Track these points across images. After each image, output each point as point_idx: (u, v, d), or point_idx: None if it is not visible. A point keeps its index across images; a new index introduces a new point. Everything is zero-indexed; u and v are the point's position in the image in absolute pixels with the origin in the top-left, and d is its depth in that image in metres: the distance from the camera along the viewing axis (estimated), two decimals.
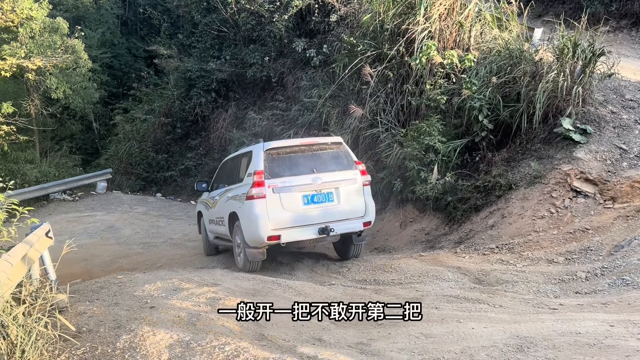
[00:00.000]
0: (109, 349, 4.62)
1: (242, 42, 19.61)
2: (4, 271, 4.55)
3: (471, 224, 9.08)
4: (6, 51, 18.81)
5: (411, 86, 11.25)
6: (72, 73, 21.01)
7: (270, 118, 16.68)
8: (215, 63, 19.71)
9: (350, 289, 6.98)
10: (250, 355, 4.24)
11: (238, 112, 19.49)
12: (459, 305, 5.66)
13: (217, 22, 20.24)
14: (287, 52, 17.63)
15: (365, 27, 12.76)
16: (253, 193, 7.13)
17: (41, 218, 10.35)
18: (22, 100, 21.41)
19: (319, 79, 15.48)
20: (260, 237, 7.20)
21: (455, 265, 7.37)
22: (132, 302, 6.16)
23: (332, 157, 7.75)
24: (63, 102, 21.76)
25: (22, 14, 19.05)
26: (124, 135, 22.27)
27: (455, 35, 11.27)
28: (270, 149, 7.40)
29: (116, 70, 27.66)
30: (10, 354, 3.71)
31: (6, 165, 18.86)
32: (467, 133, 10.02)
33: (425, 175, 9.82)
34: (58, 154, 22.64)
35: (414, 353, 4.33)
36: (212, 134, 20.29)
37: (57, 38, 20.02)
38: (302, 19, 17.46)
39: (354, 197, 7.67)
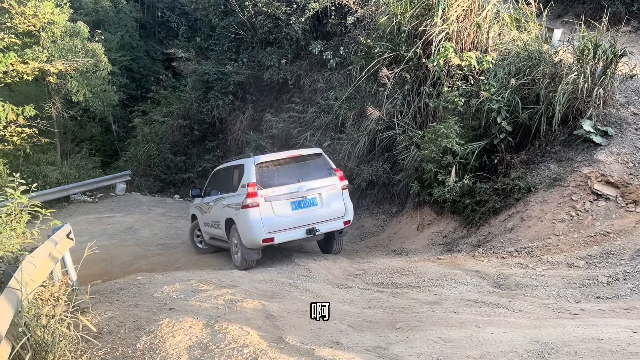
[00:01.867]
0: (129, 350, 4.68)
1: (259, 44, 19.71)
2: (27, 272, 4.64)
3: (489, 227, 9.00)
4: (28, 55, 19.14)
5: (428, 88, 11.20)
6: (92, 76, 21.29)
7: (287, 120, 16.73)
8: (233, 65, 19.84)
9: (368, 291, 6.97)
10: (269, 357, 4.26)
11: (255, 114, 19.59)
12: (478, 310, 5.61)
13: (234, 25, 20.37)
14: (304, 54, 17.68)
15: (382, 29, 12.74)
16: (248, 202, 8.14)
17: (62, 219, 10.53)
18: (43, 103, 21.75)
19: (335, 81, 15.49)
20: (257, 240, 8.19)
21: (474, 269, 7.31)
22: (151, 303, 6.23)
23: (314, 167, 8.78)
24: (83, 104, 22.04)
25: (44, 19, 19.36)
26: (143, 137, 22.48)
27: (473, 36, 11.20)
28: (261, 163, 8.39)
29: (135, 73, 27.94)
30: (34, 354, 3.78)
31: (28, 167, 19.17)
32: (485, 135, 9.94)
33: (442, 178, 9.76)
34: (78, 155, 22.93)
35: (433, 357, 4.31)
36: (229, 136, 20.42)
37: (77, 42, 20.32)
38: (318, 22, 17.50)
39: (334, 200, 8.69)
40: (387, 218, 11.85)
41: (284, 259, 8.94)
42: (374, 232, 11.73)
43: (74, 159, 22.26)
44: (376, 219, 12.10)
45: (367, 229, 11.95)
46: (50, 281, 6.29)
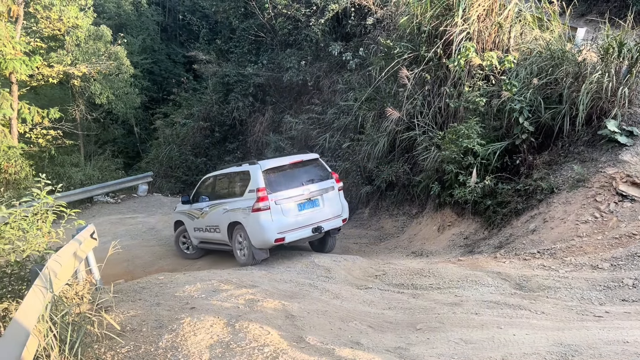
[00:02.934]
0: (152, 348, 4.74)
1: (278, 46, 19.80)
2: (53, 271, 4.73)
3: (511, 229, 8.89)
4: (53, 59, 19.57)
5: (449, 88, 11.12)
6: (115, 79, 21.67)
7: (306, 122, 16.77)
8: (253, 68, 19.96)
9: (388, 292, 6.94)
10: (289, 357, 4.27)
11: (274, 115, 19.67)
12: (500, 311, 5.55)
13: (254, 27, 20.50)
14: (324, 55, 17.69)
15: (402, 30, 12.70)
16: (260, 206, 8.66)
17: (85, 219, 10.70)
18: (67, 105, 22.23)
19: (355, 82, 15.47)
20: (269, 240, 8.76)
21: (495, 270, 7.23)
22: (173, 302, 6.30)
23: (314, 171, 9.48)
24: (106, 107, 22.46)
25: (69, 23, 19.78)
26: (164, 139, 22.76)
27: (494, 36, 11.09)
28: (267, 169, 8.95)
29: (156, 75, 28.33)
30: (60, 350, 3.85)
31: (53, 168, 19.57)
32: (507, 135, 9.83)
33: (463, 179, 9.69)
34: (101, 157, 23.35)
35: (454, 359, 4.28)
36: (249, 137, 20.54)
37: (101, 45, 20.71)
38: (338, 23, 17.51)
39: (333, 200, 9.45)
40: (407, 219, 11.78)
41: (304, 260, 8.96)
42: (393, 233, 11.67)
43: (97, 161, 22.66)
44: (396, 220, 12.04)
45: (387, 230, 11.90)
46: (75, 280, 6.41)
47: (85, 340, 4.20)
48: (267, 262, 9.15)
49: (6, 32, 16.60)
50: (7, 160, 16.80)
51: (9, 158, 16.88)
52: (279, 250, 10.25)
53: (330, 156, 15.02)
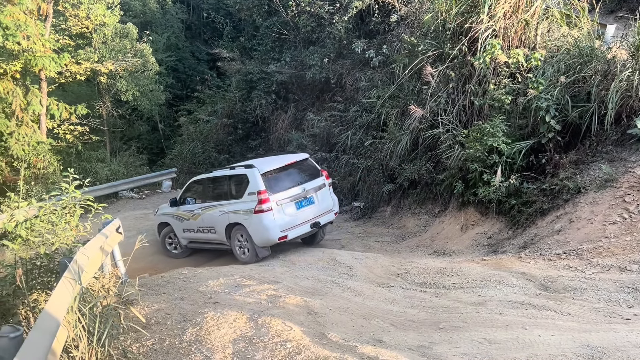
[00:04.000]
0: (176, 341, 4.81)
1: (301, 44, 19.82)
2: (81, 264, 4.83)
3: (536, 229, 8.76)
4: (81, 56, 19.92)
5: (474, 86, 11.00)
6: (141, 76, 21.96)
7: (329, 119, 16.74)
8: (276, 65, 20.01)
9: (410, 291, 6.91)
10: (312, 353, 4.29)
11: (297, 113, 19.70)
12: (524, 312, 5.48)
13: (277, 25, 20.54)
14: (347, 53, 17.64)
15: (426, 27, 12.58)
16: (263, 208, 9.09)
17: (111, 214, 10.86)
18: (94, 102, 22.62)
19: (378, 80, 15.39)
20: (273, 239, 9.22)
21: (520, 271, 7.14)
22: (196, 296, 6.38)
23: (306, 170, 10.05)
24: (132, 103, 22.78)
25: (96, 20, 20.11)
26: (188, 135, 22.99)
27: (520, 33, 10.92)
28: (265, 172, 9.36)
29: (180, 73, 28.60)
30: (88, 341, 3.93)
31: (80, 164, 19.94)
32: (532, 134, 9.67)
33: (488, 178, 9.57)
34: (126, 153, 23.70)
35: (477, 358, 4.24)
36: (271, 135, 20.61)
37: (127, 43, 21.01)
38: (361, 20, 17.44)
39: (325, 196, 10.09)
40: (430, 218, 11.69)
41: (325, 257, 8.96)
42: (415, 232, 11.60)
43: (123, 157, 23.01)
44: (418, 219, 11.97)
45: (409, 229, 11.83)
46: (101, 273, 6.54)
47: (111, 332, 4.27)
48: (288, 259, 9.21)
49: (36, 29, 16.96)
50: (36, 155, 17.19)
51: (37, 153, 17.27)
52: (300, 247, 10.31)
53: (352, 154, 14.99)
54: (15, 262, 5.71)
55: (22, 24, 16.22)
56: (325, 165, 15.93)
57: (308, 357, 4.20)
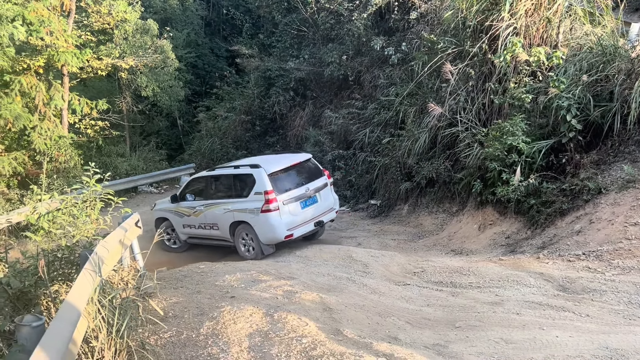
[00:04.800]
0: (193, 334, 4.87)
1: (320, 41, 19.81)
2: (101, 256, 4.91)
3: (555, 229, 8.66)
4: (102, 52, 20.18)
5: (494, 84, 10.89)
6: (161, 72, 22.16)
7: (346, 116, 16.73)
8: (294, 62, 20.04)
9: (426, 290, 6.89)
10: (327, 349, 4.30)
11: (315, 110, 19.70)
12: (542, 312, 5.43)
13: (296, 22, 20.56)
14: (365, 50, 17.59)
15: (446, 24, 12.50)
16: (270, 207, 9.34)
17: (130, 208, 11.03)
18: (115, 97, 22.90)
19: (396, 77, 15.34)
20: (279, 238, 9.52)
21: (538, 271, 7.06)
22: (213, 291, 6.44)
23: (310, 170, 10.37)
24: (151, 99, 23.02)
25: (118, 17, 20.36)
26: (207, 131, 23.14)
27: (542, 31, 10.78)
28: (272, 173, 9.59)
29: (199, 69, 28.78)
30: (107, 332, 4.00)
31: (100, 158, 20.21)
32: (553, 134, 9.55)
33: (507, 177, 9.48)
34: (146, 148, 23.96)
35: (494, 358, 4.22)
36: (289, 132, 20.65)
37: (147, 39, 21.22)
38: (381, 17, 17.38)
39: (327, 195, 10.45)
40: (447, 217, 11.62)
41: (341, 254, 8.98)
42: (432, 230, 11.54)
43: (142, 152, 23.27)
44: (435, 218, 11.90)
45: (426, 228, 11.77)
46: (120, 266, 6.63)
47: (130, 324, 4.34)
48: (304, 256, 9.24)
49: (59, 25, 17.22)
50: (58, 149, 17.48)
51: (59, 147, 17.55)
52: (315, 244, 10.35)
53: (370, 151, 14.96)
54: (37, 254, 5.82)
55: (45, 19, 16.48)
56: (343, 162, 15.94)
57: (323, 353, 4.22)
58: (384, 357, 4.12)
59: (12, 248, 7.54)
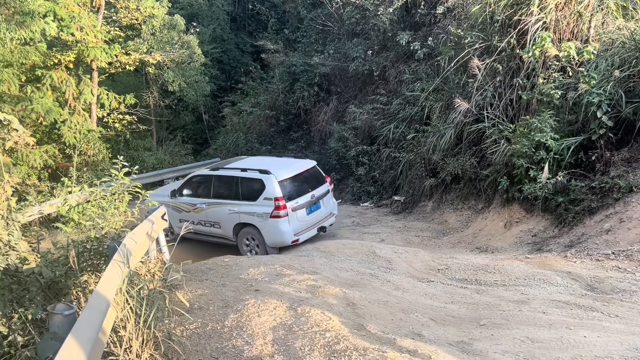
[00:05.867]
0: (218, 326, 4.93)
1: (345, 36, 19.73)
2: (129, 248, 5.00)
3: (584, 228, 8.49)
4: (130, 47, 20.47)
5: (522, 80, 10.72)
6: (187, 67, 22.37)
7: (371, 112, 16.64)
8: (319, 57, 19.99)
9: (450, 287, 6.84)
10: (350, 343, 4.32)
11: (339, 105, 19.65)
12: (569, 312, 5.34)
13: (322, 17, 20.50)
14: (391, 45, 17.45)
15: (473, 19, 12.31)
16: (280, 214, 9.71)
17: None
18: (142, 92, 23.23)
19: (422, 72, 15.19)
20: (286, 242, 9.92)
21: (565, 270, 6.95)
22: (238, 284, 6.51)
23: (315, 177, 10.81)
24: (178, 94, 23.26)
25: (145, 12, 20.62)
26: (232, 126, 23.27)
27: (573, 25, 10.55)
28: (282, 180, 9.92)
29: (225, 64, 28.94)
30: (135, 323, 4.08)
31: (127, 152, 20.54)
32: (582, 130, 9.36)
33: (534, 174, 9.33)
34: (172, 143, 24.25)
35: (519, 357, 4.17)
36: (313, 127, 20.64)
37: (174, 34, 21.43)
38: (407, 12, 17.22)
39: (329, 201, 11.01)
40: (472, 214, 11.49)
41: (364, 250, 8.96)
42: (457, 228, 11.43)
43: (168, 146, 23.56)
44: (460, 215, 11.78)
45: (450, 225, 11.67)
46: (147, 258, 6.74)
47: (157, 315, 4.41)
48: (327, 251, 9.23)
49: (89, 21, 17.52)
50: (87, 142, 17.82)
51: (88, 141, 17.89)
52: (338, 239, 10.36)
53: (394, 147, 14.88)
54: (67, 245, 5.96)
55: (76, 15, 16.80)
56: (366, 158, 15.88)
57: (347, 348, 4.23)
58: (408, 354, 4.11)
59: (43, 239, 7.74)
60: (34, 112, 15.74)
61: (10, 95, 15.25)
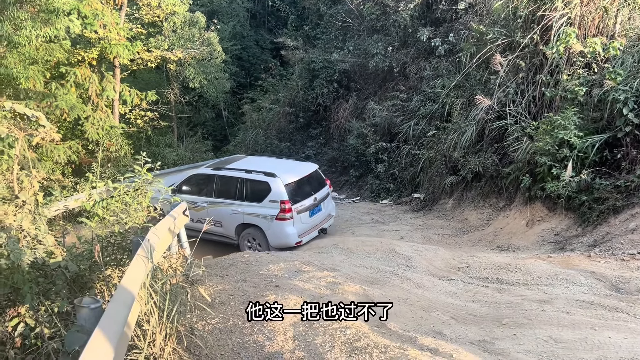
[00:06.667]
0: (239, 322, 4.97)
1: (365, 32, 19.65)
2: (152, 243, 5.06)
3: (608, 227, 8.36)
4: (152, 44, 20.65)
5: (545, 76, 10.57)
6: (208, 64, 22.48)
7: (390, 109, 16.56)
8: (339, 54, 19.94)
9: (471, 285, 6.79)
10: (371, 341, 4.32)
11: (358, 102, 19.58)
12: (594, 312, 5.27)
13: (342, 13, 20.45)
14: (411, 41, 17.34)
15: (495, 15, 12.18)
16: (286, 216, 9.92)
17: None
18: (163, 89, 23.44)
19: (443, 69, 15.07)
20: (291, 244, 10.06)
21: (589, 270, 6.85)
22: (258, 280, 6.54)
23: (316, 180, 11.09)
24: (198, 91, 23.41)
25: (167, 10, 20.77)
26: (251, 123, 23.36)
27: (598, 21, 10.37)
28: (288, 183, 10.11)
29: (244, 61, 29.05)
30: (158, 317, 4.13)
31: (149, 148, 20.73)
32: (607, 128, 9.20)
33: (557, 172, 9.20)
34: (192, 139, 24.43)
35: (543, 357, 4.13)
36: (332, 123, 20.62)
37: (195, 31, 21.54)
38: (428, 8, 17.08)
39: (329, 203, 11.40)
40: (494, 212, 11.38)
41: (383, 247, 8.94)
42: (478, 226, 11.33)
43: (189, 142, 23.74)
44: (481, 213, 11.68)
45: (471, 223, 11.57)
46: (169, 253, 6.82)
47: (180, 309, 4.46)
48: (346, 248, 9.23)
49: (112, 18, 17.73)
50: (109, 138, 18.05)
51: (110, 137, 18.13)
52: (357, 237, 10.35)
53: (414, 144, 14.79)
54: (92, 239, 6.06)
55: (99, 13, 17.00)
56: (386, 155, 15.82)
57: (367, 345, 4.23)
58: (429, 352, 4.10)
59: (68, 233, 7.88)
60: (59, 108, 15.97)
61: (36, 91, 15.51)
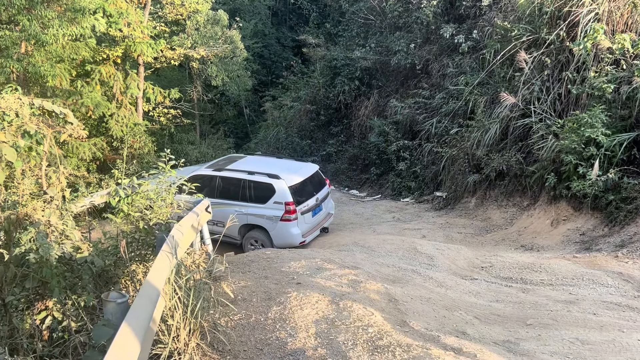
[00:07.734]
0: (262, 318, 4.99)
1: (387, 29, 19.55)
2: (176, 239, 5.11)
3: (636, 227, 8.18)
4: (175, 42, 20.85)
5: (571, 73, 10.38)
6: (230, 62, 22.62)
7: (412, 106, 16.46)
8: (360, 51, 19.89)
9: (495, 285, 6.72)
10: (394, 339, 4.30)
11: (380, 99, 19.50)
12: (621, 314, 5.16)
13: (364, 10, 20.39)
14: (434, 38, 17.19)
15: (520, 11, 12.00)
16: (291, 217, 10.10)
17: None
18: (186, 87, 23.67)
19: (466, 66, 14.91)
20: (295, 244, 10.16)
21: (616, 271, 6.71)
22: (280, 276, 6.56)
23: (318, 180, 11.30)
24: (220, 89, 23.59)
25: (190, 8, 20.96)
26: (272, 121, 23.45)
27: (627, 17, 10.14)
28: (292, 185, 10.26)
29: (266, 59, 29.16)
30: (182, 312, 4.18)
31: (172, 145, 20.94)
32: (636, 126, 9.01)
33: (583, 171, 9.04)
34: (215, 137, 24.62)
35: (569, 358, 4.06)
36: (353, 121, 20.57)
37: (218, 29, 21.70)
38: (451, 4, 16.91)
39: (328, 202, 11.61)
40: (517, 211, 11.23)
41: (405, 246, 8.89)
42: (501, 225, 11.20)
43: (211, 140, 23.93)
44: (505, 212, 11.53)
45: (494, 222, 11.44)
46: (192, 249, 6.88)
47: (203, 305, 4.50)
48: (367, 246, 9.22)
49: (136, 17, 17.95)
50: (133, 136, 18.30)
51: (134, 134, 18.37)
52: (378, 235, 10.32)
53: (436, 142, 14.67)
54: (117, 235, 6.14)
55: (124, 11, 17.22)
56: (407, 153, 15.73)
57: (390, 343, 4.21)
58: (452, 351, 4.06)
59: (93, 229, 8.00)
60: (84, 106, 16.25)
61: (62, 89, 15.79)
